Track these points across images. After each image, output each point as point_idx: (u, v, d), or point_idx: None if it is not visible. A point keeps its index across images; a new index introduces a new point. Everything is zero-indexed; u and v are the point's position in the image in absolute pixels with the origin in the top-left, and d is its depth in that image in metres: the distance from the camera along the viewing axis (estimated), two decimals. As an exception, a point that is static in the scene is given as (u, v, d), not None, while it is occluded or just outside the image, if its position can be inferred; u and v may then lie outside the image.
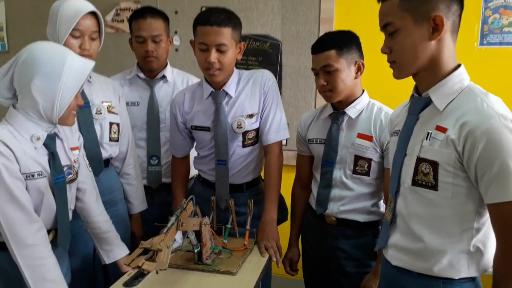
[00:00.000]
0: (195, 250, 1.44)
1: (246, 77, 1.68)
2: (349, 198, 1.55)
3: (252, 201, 1.62)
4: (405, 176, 1.11)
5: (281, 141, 1.70)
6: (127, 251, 1.55)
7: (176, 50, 2.72)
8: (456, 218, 1.03)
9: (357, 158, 1.52)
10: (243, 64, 2.59)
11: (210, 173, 1.73)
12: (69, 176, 1.36)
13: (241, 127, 1.64)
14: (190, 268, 1.44)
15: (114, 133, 1.69)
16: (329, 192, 1.57)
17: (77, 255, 1.57)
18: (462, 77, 1.06)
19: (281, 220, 1.78)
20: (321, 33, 2.46)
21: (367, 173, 1.53)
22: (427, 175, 1.04)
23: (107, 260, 1.51)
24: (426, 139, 1.05)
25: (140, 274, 1.32)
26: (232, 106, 1.65)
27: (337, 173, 1.56)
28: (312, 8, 2.48)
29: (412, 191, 1.09)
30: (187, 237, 1.48)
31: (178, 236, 1.58)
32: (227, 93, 1.64)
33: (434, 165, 1.02)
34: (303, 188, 1.74)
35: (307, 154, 1.70)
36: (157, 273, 1.19)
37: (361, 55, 1.53)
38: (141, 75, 1.93)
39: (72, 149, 1.40)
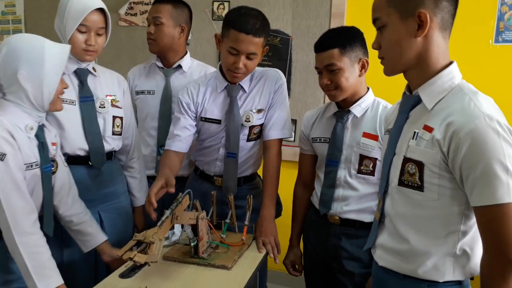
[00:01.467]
0: (192, 244, 1.46)
1: (259, 74, 1.70)
2: (354, 198, 1.53)
3: (252, 196, 1.63)
4: (393, 176, 1.10)
5: (282, 139, 1.71)
6: (104, 238, 1.58)
7: (187, 44, 2.73)
8: (442, 220, 1.02)
9: (362, 157, 1.50)
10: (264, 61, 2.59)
11: (211, 165, 1.74)
12: (52, 168, 1.41)
13: (249, 121, 1.66)
14: (186, 261, 1.46)
15: (117, 126, 1.71)
16: (333, 192, 1.56)
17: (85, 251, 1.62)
18: (452, 75, 1.03)
19: (276, 215, 1.78)
20: (332, 28, 2.46)
21: (372, 173, 1.51)
22: (413, 176, 1.03)
23: (85, 249, 1.55)
24: (413, 139, 1.04)
25: (137, 266, 1.36)
26: (244, 100, 1.68)
27: (342, 173, 1.54)
28: (324, 2, 2.46)
29: (398, 191, 1.08)
30: (184, 231, 1.50)
31: (178, 229, 1.61)
32: (241, 87, 1.66)
33: (420, 165, 1.01)
34: (305, 187, 1.73)
35: (310, 153, 1.69)
36: (148, 265, 1.22)
37: (366, 52, 1.50)
38: (159, 63, 1.96)
39: (52, 144, 1.44)
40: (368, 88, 1.57)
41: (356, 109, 1.53)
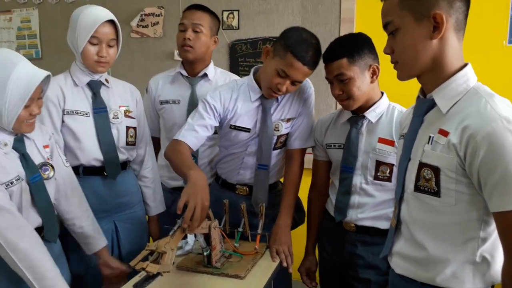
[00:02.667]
0: (205, 253, 1.45)
1: None
2: (370, 205, 1.50)
3: (264, 205, 1.62)
4: (409, 182, 1.08)
5: (305, 149, 1.71)
6: (104, 243, 1.59)
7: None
8: (460, 226, 0.99)
9: (379, 163, 1.47)
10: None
11: (233, 173, 1.72)
12: (46, 173, 1.39)
13: (278, 130, 1.65)
14: (199, 271, 1.45)
15: (131, 136, 1.73)
16: (349, 199, 1.53)
17: (95, 257, 1.62)
18: (467, 78, 1.01)
19: (298, 222, 1.77)
20: (342, 34, 2.43)
21: (389, 179, 1.48)
22: (429, 181, 1.00)
23: (88, 251, 1.57)
24: (428, 143, 1.01)
25: (151, 276, 1.35)
26: (275, 110, 1.66)
27: (357, 179, 1.52)
28: (333, 8, 2.46)
29: (415, 197, 1.06)
30: (197, 240, 1.49)
31: (191, 238, 1.60)
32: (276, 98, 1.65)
33: (436, 170, 0.98)
34: (320, 194, 1.70)
35: (325, 159, 1.67)
36: (161, 275, 1.21)
37: (376, 58, 1.48)
38: (183, 72, 1.92)
39: (44, 146, 1.43)
40: (382, 93, 1.55)
41: (371, 115, 1.51)
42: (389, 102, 1.54)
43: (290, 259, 1.56)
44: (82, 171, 1.63)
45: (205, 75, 1.92)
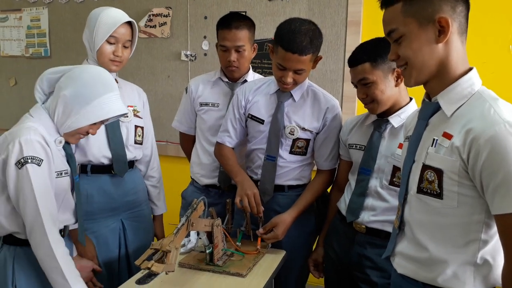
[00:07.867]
0: (207, 251, 1.47)
1: (314, 92, 1.71)
2: (382, 209, 1.50)
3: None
4: (412, 183, 1.08)
5: (335, 168, 1.75)
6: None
7: (205, 54, 2.78)
8: (462, 228, 0.99)
9: (395, 169, 1.46)
10: (269, 68, 2.60)
11: (256, 171, 1.74)
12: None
13: (293, 134, 1.68)
14: (201, 268, 1.47)
15: (139, 136, 1.76)
16: (363, 201, 1.52)
17: (103, 255, 1.66)
18: (472, 82, 1.02)
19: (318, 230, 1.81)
20: (348, 36, 2.46)
21: None
22: (432, 183, 1.01)
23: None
24: (432, 146, 1.02)
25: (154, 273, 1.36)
26: (292, 111, 1.68)
27: (373, 182, 1.51)
28: (340, 11, 2.46)
29: (417, 199, 1.06)
30: (200, 238, 1.50)
31: (193, 236, 1.62)
32: (291, 95, 1.68)
33: (439, 173, 0.99)
34: (340, 192, 1.70)
35: (347, 159, 1.67)
36: (166, 273, 1.22)
37: None
38: (224, 78, 1.91)
39: None
40: (411, 99, 1.54)
41: (395, 119, 1.50)
42: (417, 108, 1.53)
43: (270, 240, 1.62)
44: (90, 169, 1.65)
45: (245, 81, 1.90)
